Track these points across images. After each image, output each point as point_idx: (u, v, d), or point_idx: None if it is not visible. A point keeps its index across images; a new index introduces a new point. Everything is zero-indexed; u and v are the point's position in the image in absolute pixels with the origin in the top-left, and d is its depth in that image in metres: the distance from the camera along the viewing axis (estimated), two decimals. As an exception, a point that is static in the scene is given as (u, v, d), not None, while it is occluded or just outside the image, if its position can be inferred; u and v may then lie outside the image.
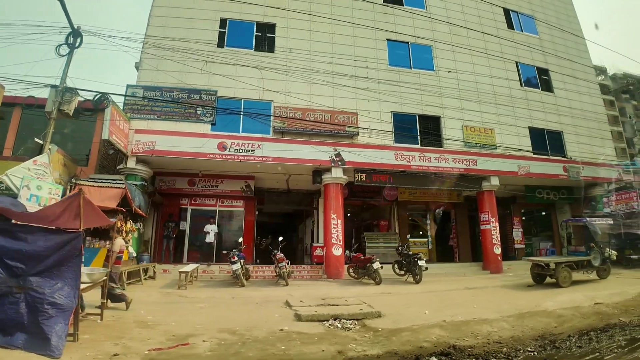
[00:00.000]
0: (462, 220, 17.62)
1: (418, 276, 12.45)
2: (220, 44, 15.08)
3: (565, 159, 17.46)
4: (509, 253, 18.07)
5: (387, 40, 16.24)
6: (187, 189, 14.92)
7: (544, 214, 19.41)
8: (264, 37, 15.50)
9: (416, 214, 17.64)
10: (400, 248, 13.46)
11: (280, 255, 11.95)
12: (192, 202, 15.33)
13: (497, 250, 15.58)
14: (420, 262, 12.51)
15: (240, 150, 13.61)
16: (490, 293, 11.20)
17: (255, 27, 15.51)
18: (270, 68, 14.74)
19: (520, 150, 16.22)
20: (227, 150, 13.54)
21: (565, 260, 12.27)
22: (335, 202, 14.27)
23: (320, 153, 13.96)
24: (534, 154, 16.87)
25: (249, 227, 15.29)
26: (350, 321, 7.15)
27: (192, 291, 10.62)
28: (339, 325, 6.94)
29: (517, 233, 17.93)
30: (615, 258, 13.06)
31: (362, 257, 12.80)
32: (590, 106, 19.04)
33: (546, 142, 17.49)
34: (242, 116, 14.28)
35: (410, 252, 13.42)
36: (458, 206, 17.43)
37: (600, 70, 44.79)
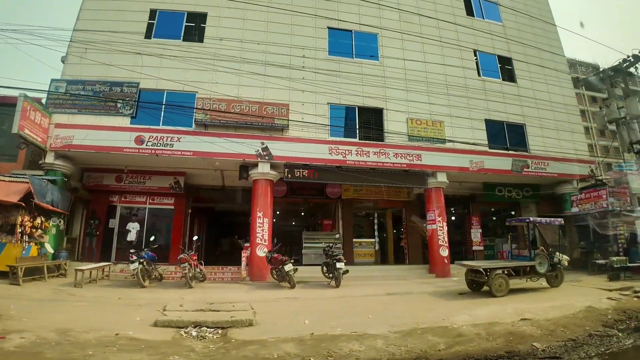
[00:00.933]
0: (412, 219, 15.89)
1: (337, 280, 10.98)
2: (148, 35, 13.92)
3: (525, 154, 15.48)
4: (467, 255, 16.23)
5: (329, 28, 14.70)
6: (114, 186, 13.83)
7: (513, 213, 17.41)
8: (195, 28, 14.27)
9: (363, 212, 16.06)
10: (326, 249, 11.99)
11: (183, 255, 10.69)
12: (123, 199, 14.24)
13: (444, 252, 13.81)
14: (339, 265, 11.02)
15: (159, 144, 12.41)
16: (409, 301, 9.61)
17: (185, 17, 14.30)
18: (198, 58, 13.52)
19: (474, 144, 14.40)
20: (145, 144, 12.37)
21: (501, 265, 10.47)
22: (263, 199, 12.88)
23: (245, 147, 12.59)
24: (491, 148, 15.02)
25: (179, 226, 14.09)
26: (213, 329, 6.37)
27: (87, 290, 9.79)
28: (194, 333, 6.19)
29: (476, 234, 16.06)
30: (566, 263, 11.15)
31: (280, 258, 11.41)
32: (559, 97, 16.94)
33: (505, 135, 15.55)
34: (163, 109, 13.12)
35: (335, 253, 11.96)
36: (409, 205, 15.70)
37: (593, 67, 41.63)
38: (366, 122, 14.12)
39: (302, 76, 13.80)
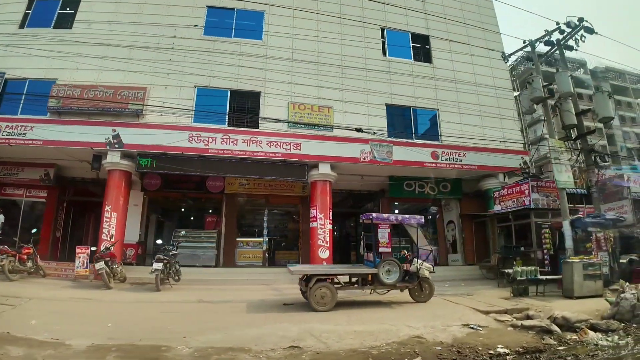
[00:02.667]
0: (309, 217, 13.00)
1: (157, 283, 8.73)
2: (22, 25, 12.35)
3: (434, 143, 12.31)
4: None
5: (207, 6, 12.37)
6: (-12, 178, 12.34)
7: (434, 210, 14.13)
8: (69, 15, 12.50)
9: (251, 209, 13.50)
10: (163, 249, 9.75)
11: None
12: (2, 191, 12.74)
13: (324, 254, 10.99)
14: (156, 265, 8.74)
15: (13, 134, 10.70)
16: (208, 311, 7.18)
17: (60, 4, 12.57)
18: (63, 44, 11.72)
19: (373, 132, 11.48)
20: (1, 133, 10.74)
21: (323, 272, 7.67)
22: (116, 192, 10.72)
23: (95, 135, 10.58)
24: (392, 136, 12.02)
25: (49, 219, 12.29)
26: None
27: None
28: None
29: (383, 234, 12.96)
30: (427, 274, 8.08)
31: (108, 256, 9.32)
32: (488, 80, 13.54)
33: (411, 122, 12.49)
34: (23, 98, 11.42)
35: (175, 253, 9.66)
36: (305, 200, 12.97)
37: (580, 64, 36.07)
38: (241, 107, 11.67)
39: (170, 58, 11.59)
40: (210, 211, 12.97)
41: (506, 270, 10.00)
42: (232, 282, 10.30)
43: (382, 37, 13.11)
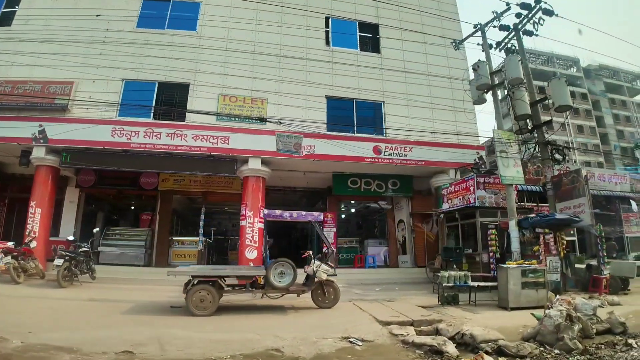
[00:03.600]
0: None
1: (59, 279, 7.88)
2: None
3: (377, 137, 10.98)
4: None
5: (143, -2, 11.55)
6: None
7: (385, 208, 12.77)
8: (12, 13, 11.85)
9: (189, 207, 12.49)
10: (77, 244, 8.86)
11: None
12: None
13: (251, 254, 9.84)
14: (57, 261, 7.90)
15: None
16: (89, 310, 6.35)
17: (4, 3, 11.90)
18: (1, 41, 11.07)
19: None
20: None
21: (202, 273, 6.52)
22: (42, 188, 9.93)
23: (23, 130, 9.84)
24: (332, 130, 10.78)
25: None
26: None
27: None
28: None
29: (328, 233, 11.68)
30: (324, 277, 6.83)
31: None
32: (444, 70, 12.11)
33: (354, 115, 11.20)
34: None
35: (86, 250, 8.75)
36: None
37: (572, 62, 33.55)
38: (169, 100, 10.70)
39: (100, 52, 10.75)
40: (145, 209, 12.03)
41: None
42: (155, 282, 9.29)
43: (327, 26, 11.88)
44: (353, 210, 13.75)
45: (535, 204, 10.38)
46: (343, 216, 13.29)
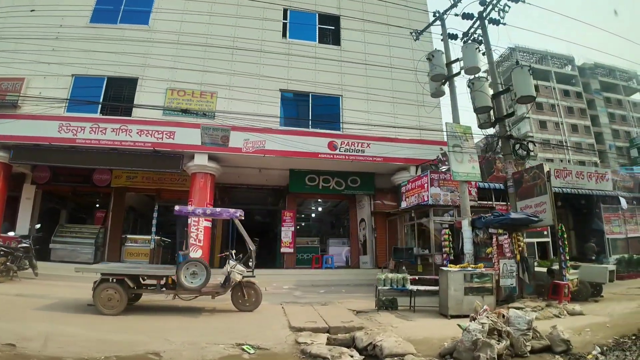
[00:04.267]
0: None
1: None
2: None
3: (333, 132, 10.17)
4: (278, 258, 11.25)
5: (97, -7, 11.02)
6: None
7: (353, 206, 11.91)
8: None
9: (143, 204, 11.88)
10: (18, 240, 8.38)
11: None
12: None
13: (196, 253, 9.09)
14: None
15: None
16: None
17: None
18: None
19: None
20: None
21: (108, 271, 5.88)
22: (-15, 184, 9.61)
23: (-27, 127, 9.46)
24: (288, 125, 10.05)
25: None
26: None
27: None
28: None
29: (286, 233, 10.97)
30: (238, 278, 6.10)
31: None
32: (408, 63, 11.19)
33: (309, 109, 10.43)
34: None
35: (26, 245, 8.24)
36: None
37: (567, 60, 31.89)
38: (118, 95, 10.14)
39: (52, 47, 10.25)
40: (99, 206, 11.51)
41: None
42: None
43: (285, 18, 11.15)
44: (315, 208, 12.96)
45: (505, 203, 9.42)
46: (303, 215, 12.49)
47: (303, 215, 12.15)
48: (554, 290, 7.42)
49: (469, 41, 9.87)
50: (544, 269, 8.36)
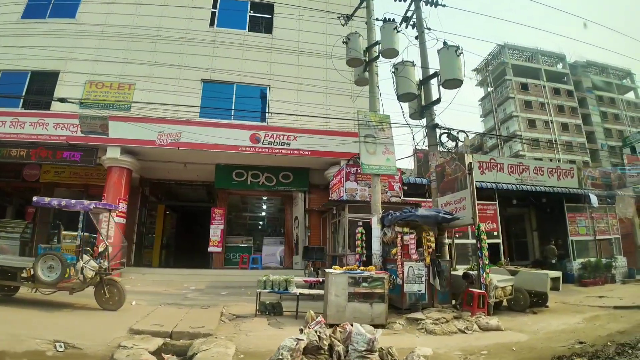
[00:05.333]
0: (131, 213, 10.19)
1: None
2: None
3: (257, 124, 9.20)
4: (206, 258, 10.31)
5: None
6: None
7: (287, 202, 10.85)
8: None
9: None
10: None
11: None
12: None
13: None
14: None
15: None
16: None
17: None
18: None
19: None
20: None
21: None
22: None
23: None
24: (204, 116, 9.17)
25: None
26: None
27: None
28: None
29: (215, 231, 10.04)
30: (90, 275, 5.40)
31: None
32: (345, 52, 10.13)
33: (232, 100, 9.51)
34: None
35: None
36: (135, 192, 10.28)
37: (559, 58, 29.59)
38: (40, 89, 9.54)
39: (-21, 41, 9.79)
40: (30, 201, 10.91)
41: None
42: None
43: (215, 6, 10.31)
44: (251, 205, 11.98)
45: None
46: (236, 213, 11.52)
47: (234, 214, 11.20)
48: (469, 299, 6.17)
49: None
50: (457, 272, 7.07)
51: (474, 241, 9.75)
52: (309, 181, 10.01)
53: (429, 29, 8.75)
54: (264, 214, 12.13)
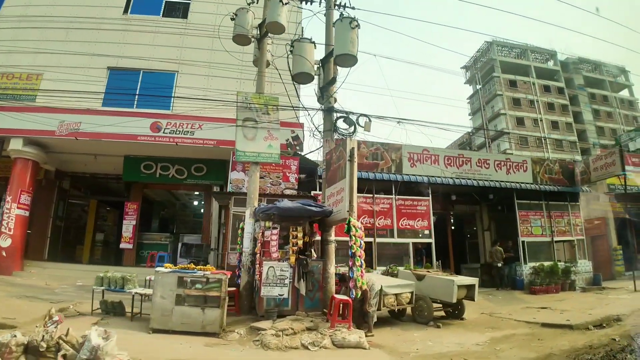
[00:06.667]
0: (45, 207, 9.53)
1: None
2: None
3: (159, 112, 8.34)
4: (118, 255, 9.48)
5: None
6: None
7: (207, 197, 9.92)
8: None
9: None
10: None
11: None
12: None
13: (5, 242, 7.69)
14: None
15: None
16: None
17: None
18: None
19: (84, 99, 8.00)
20: None
21: None
22: None
23: None
24: (108, 104, 8.42)
25: None
26: None
27: None
28: None
29: (128, 227, 9.23)
30: None
31: None
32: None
33: (137, 87, 8.71)
34: None
35: None
36: (43, 188, 9.52)
37: (549, 54, 27.30)
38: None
39: None
40: None
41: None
42: None
43: (131, -7, 9.63)
44: (171, 201, 11.14)
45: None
46: (148, 207, 10.67)
47: (159, 210, 10.39)
48: (333, 307, 5.02)
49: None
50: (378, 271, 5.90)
51: (399, 241, 8.56)
52: (227, 174, 9.05)
53: (345, 6, 7.61)
54: (186, 210, 11.27)
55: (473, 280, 6.20)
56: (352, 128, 6.48)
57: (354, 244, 5.06)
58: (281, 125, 8.22)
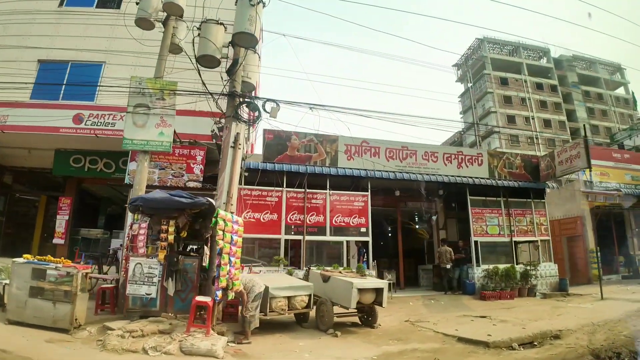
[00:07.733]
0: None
1: None
2: None
3: (81, 103, 7.92)
4: (49, 251, 9.08)
5: None
6: None
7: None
8: None
9: None
10: None
11: None
12: None
13: None
14: None
15: None
16: None
17: None
18: None
19: (15, 92, 7.73)
20: None
21: None
22: None
23: None
24: (37, 97, 8.08)
25: None
26: None
27: None
28: None
29: (60, 222, 8.84)
30: None
31: None
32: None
33: (64, 79, 8.33)
34: None
35: None
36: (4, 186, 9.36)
37: (543, 52, 25.76)
38: None
39: None
40: None
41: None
42: None
43: (68, -12, 9.31)
44: (109, 194, 10.69)
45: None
46: (111, 204, 10.26)
47: (94, 204, 9.99)
48: (199, 310, 4.35)
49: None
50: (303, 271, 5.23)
51: (332, 239, 7.81)
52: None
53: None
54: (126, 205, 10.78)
55: (381, 284, 5.40)
56: (257, 113, 5.84)
57: (221, 239, 4.39)
58: (204, 115, 7.72)
